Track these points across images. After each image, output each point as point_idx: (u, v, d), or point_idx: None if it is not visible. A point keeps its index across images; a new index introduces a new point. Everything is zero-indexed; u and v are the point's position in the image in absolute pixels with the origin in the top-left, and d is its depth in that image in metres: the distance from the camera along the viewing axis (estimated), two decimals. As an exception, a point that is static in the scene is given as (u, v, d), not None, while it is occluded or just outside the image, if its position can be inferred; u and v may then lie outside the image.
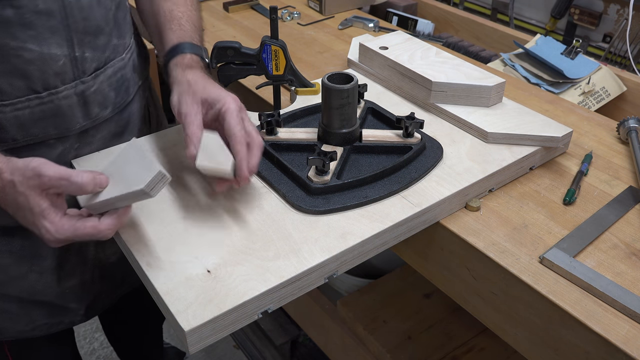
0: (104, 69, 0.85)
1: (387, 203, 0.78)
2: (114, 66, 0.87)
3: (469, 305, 0.83)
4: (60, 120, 0.82)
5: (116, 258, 0.99)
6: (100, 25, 0.82)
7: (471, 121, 0.93)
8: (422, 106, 1.01)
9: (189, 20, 0.93)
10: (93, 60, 0.83)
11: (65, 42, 0.78)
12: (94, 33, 0.81)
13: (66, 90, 0.81)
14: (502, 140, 0.90)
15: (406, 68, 1.01)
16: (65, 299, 0.95)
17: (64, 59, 0.78)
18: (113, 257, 0.98)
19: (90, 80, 0.83)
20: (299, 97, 1.02)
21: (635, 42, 1.56)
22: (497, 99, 0.97)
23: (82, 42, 0.80)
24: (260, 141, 0.76)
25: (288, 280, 0.67)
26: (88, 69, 0.82)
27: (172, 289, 0.66)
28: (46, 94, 0.79)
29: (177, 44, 0.87)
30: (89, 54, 0.82)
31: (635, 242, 0.77)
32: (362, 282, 1.52)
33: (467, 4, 2.07)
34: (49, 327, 0.96)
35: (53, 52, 0.77)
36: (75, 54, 0.80)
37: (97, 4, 0.81)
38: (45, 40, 0.76)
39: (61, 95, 0.80)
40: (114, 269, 1.00)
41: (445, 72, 0.98)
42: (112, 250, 0.97)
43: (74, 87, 0.81)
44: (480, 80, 0.96)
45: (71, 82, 0.81)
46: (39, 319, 0.94)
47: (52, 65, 0.78)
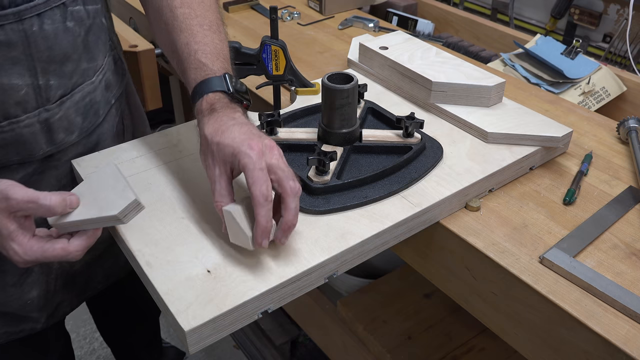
0: (71, 95, 0.82)
1: (387, 203, 0.78)
2: (82, 91, 0.84)
3: (469, 305, 0.83)
4: (22, 147, 0.79)
5: (80, 265, 0.97)
6: (67, 52, 0.78)
7: (471, 121, 0.93)
8: (422, 106, 1.01)
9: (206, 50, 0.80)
10: (59, 88, 0.80)
11: (28, 72, 0.75)
12: (59, 61, 0.78)
13: (28, 119, 0.78)
14: (502, 140, 0.90)
15: (406, 68, 1.01)
16: (26, 309, 0.93)
17: (26, 88, 0.76)
18: (77, 264, 0.97)
19: (55, 108, 0.80)
20: (299, 97, 1.02)
21: (635, 42, 1.56)
22: (497, 99, 0.97)
23: (47, 71, 0.77)
24: (294, 187, 0.66)
25: (288, 280, 0.67)
26: (53, 96, 0.79)
27: (172, 289, 0.66)
28: (6, 123, 0.76)
29: (195, 86, 0.78)
30: (54, 81, 0.78)
31: (635, 242, 0.77)
32: (362, 282, 1.52)
33: (467, 4, 2.07)
34: (8, 335, 0.94)
35: (14, 82, 0.74)
36: (39, 83, 0.77)
37: (64, 32, 0.77)
38: (5, 71, 0.73)
39: (22, 124, 0.78)
40: (77, 277, 0.98)
41: (445, 72, 0.98)
42: None
43: (37, 115, 0.78)
44: (480, 80, 0.96)
45: (34, 110, 0.78)
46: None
47: (13, 95, 0.75)
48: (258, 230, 0.65)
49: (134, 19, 1.57)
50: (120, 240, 0.75)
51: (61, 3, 0.76)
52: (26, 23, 0.72)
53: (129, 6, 1.55)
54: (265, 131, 0.88)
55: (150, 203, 0.78)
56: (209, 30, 0.83)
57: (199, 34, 0.81)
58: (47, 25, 0.75)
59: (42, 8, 0.73)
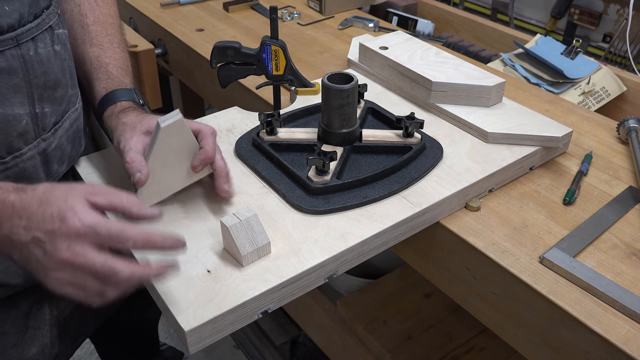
0: (62, 123, 0.81)
1: (387, 203, 0.78)
2: (70, 117, 0.83)
3: (469, 305, 0.83)
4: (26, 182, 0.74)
5: (69, 310, 0.94)
6: (57, 77, 0.78)
7: (471, 121, 0.93)
8: (422, 106, 1.01)
9: (117, 65, 0.88)
10: (52, 115, 0.79)
11: (27, 100, 0.74)
12: (52, 86, 0.78)
13: (30, 151, 0.76)
14: (502, 140, 0.90)
15: (406, 68, 1.01)
16: None
17: (26, 118, 0.74)
18: (66, 310, 0.94)
19: (50, 137, 0.79)
20: (299, 97, 1.02)
21: (635, 42, 1.56)
22: (497, 99, 0.97)
23: (42, 97, 0.76)
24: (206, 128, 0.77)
25: (288, 280, 0.67)
26: (47, 124, 0.78)
27: (172, 289, 0.66)
28: (10, 158, 0.74)
29: (106, 94, 0.84)
30: (48, 108, 0.77)
31: (635, 242, 0.77)
32: (362, 282, 1.52)
33: (467, 4, 2.07)
34: None
35: (16, 112, 0.72)
36: (36, 111, 0.75)
37: (54, 56, 0.77)
38: (8, 100, 0.71)
39: (25, 157, 0.76)
40: (69, 323, 0.96)
41: (445, 72, 0.98)
42: (64, 304, 0.92)
43: (36, 147, 0.77)
44: (480, 80, 0.96)
45: (33, 141, 0.76)
46: None
47: (16, 126, 0.73)
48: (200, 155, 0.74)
49: (133, 19, 1.57)
50: (120, 240, 0.74)
51: (48, 26, 0.76)
52: (23, 48, 0.71)
53: (129, 6, 1.55)
54: (265, 131, 0.88)
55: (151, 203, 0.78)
56: (119, 47, 0.91)
57: (110, 50, 0.89)
58: (41, 49, 0.74)
59: (35, 32, 0.73)
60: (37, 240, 0.59)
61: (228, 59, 0.97)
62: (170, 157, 0.73)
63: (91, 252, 0.58)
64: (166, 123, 0.70)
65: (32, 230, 0.59)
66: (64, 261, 0.58)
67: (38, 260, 0.59)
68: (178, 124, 0.71)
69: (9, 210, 0.60)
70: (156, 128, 0.71)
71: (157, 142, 0.71)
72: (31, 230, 0.59)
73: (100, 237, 0.59)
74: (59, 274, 0.59)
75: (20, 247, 0.60)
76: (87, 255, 0.58)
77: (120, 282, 0.59)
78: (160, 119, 0.70)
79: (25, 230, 0.59)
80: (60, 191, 0.61)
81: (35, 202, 0.60)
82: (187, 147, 0.74)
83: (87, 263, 0.58)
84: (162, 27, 1.43)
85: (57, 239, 0.58)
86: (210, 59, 0.96)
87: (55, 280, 0.59)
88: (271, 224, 0.75)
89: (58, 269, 0.59)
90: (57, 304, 0.91)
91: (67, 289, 0.60)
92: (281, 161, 0.83)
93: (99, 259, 0.58)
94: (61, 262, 0.58)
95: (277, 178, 0.82)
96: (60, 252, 0.58)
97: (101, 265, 0.58)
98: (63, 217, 0.58)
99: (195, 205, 0.78)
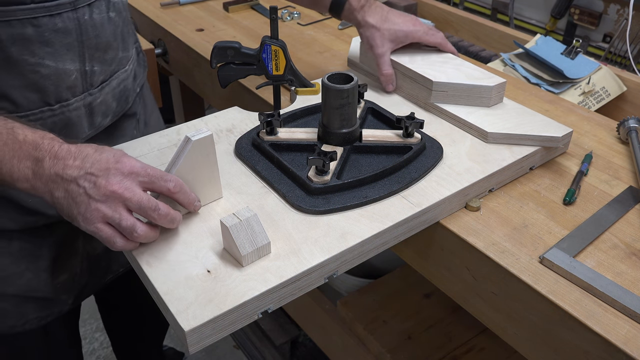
0: (109, 81, 0.90)
1: (387, 203, 0.78)
2: (118, 78, 0.92)
3: (469, 305, 0.83)
4: (69, 130, 0.86)
5: (102, 249, 1.03)
6: (109, 41, 0.87)
7: (471, 121, 0.93)
8: (423, 106, 1.01)
9: None
10: (101, 74, 0.88)
11: (78, 58, 0.83)
12: (103, 49, 0.86)
13: (76, 103, 0.85)
14: (502, 140, 0.90)
15: (407, 68, 1.01)
16: (56, 292, 0.98)
17: (76, 73, 0.83)
18: (99, 248, 1.03)
19: (97, 92, 0.88)
20: (299, 97, 1.02)
21: (635, 42, 1.56)
22: (497, 99, 0.97)
23: (93, 57, 0.85)
24: None
25: (288, 280, 0.67)
26: (95, 81, 0.87)
27: (172, 289, 0.66)
28: (58, 107, 0.84)
29: None
30: (97, 67, 0.87)
31: (635, 242, 0.77)
32: (362, 282, 1.52)
33: (467, 4, 2.07)
34: (39, 320, 0.99)
35: (67, 67, 0.82)
36: (86, 69, 0.85)
37: (108, 22, 0.86)
38: (61, 56, 0.80)
39: (71, 107, 0.85)
40: (100, 260, 1.04)
41: (446, 72, 0.98)
42: (96, 241, 0.97)
43: (82, 100, 0.86)
44: (481, 80, 0.96)
45: (80, 94, 0.86)
46: (30, 313, 0.97)
47: (66, 79, 0.82)
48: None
49: (133, 19, 1.57)
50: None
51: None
52: (79, 12, 0.81)
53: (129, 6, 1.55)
54: (265, 131, 0.88)
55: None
56: None
57: None
58: (95, 14, 0.84)
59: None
60: (90, 174, 0.65)
61: (228, 59, 0.97)
62: (191, 175, 0.73)
63: (138, 189, 0.66)
64: (197, 137, 0.70)
65: (85, 168, 0.66)
66: (113, 192, 0.65)
67: (85, 193, 0.65)
68: (207, 140, 0.71)
69: (63, 153, 0.67)
70: (185, 140, 0.71)
71: (184, 156, 0.71)
72: (84, 168, 0.66)
73: (149, 176, 0.67)
74: (102, 205, 0.65)
75: (68, 183, 0.66)
76: (135, 190, 0.66)
77: (160, 217, 0.67)
78: (190, 133, 0.70)
79: (78, 168, 0.66)
80: (117, 149, 0.70)
81: (91, 149, 0.68)
82: (209, 168, 0.75)
83: (135, 196, 0.65)
84: (162, 27, 1.43)
85: (110, 174, 0.65)
86: (210, 59, 0.96)
87: (96, 212, 0.65)
88: (271, 224, 0.75)
89: (103, 201, 0.65)
90: (90, 240, 1.00)
91: (101, 224, 0.66)
92: (281, 161, 0.83)
93: (145, 194, 0.66)
94: (109, 193, 0.65)
95: (277, 178, 0.82)
96: (112, 185, 0.65)
97: (147, 199, 0.66)
98: (118, 159, 0.67)
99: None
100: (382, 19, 0.99)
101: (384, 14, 1.00)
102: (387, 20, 1.00)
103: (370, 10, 1.00)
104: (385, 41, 0.99)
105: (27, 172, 0.67)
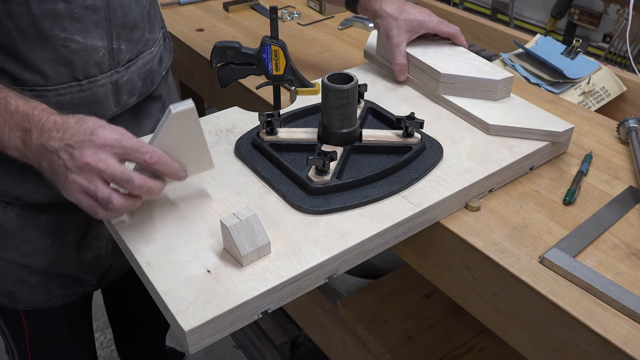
0: (136, 61, 0.92)
1: (387, 203, 0.78)
2: (144, 58, 0.94)
3: (469, 305, 0.83)
4: (96, 106, 0.89)
5: None
6: (136, 21, 0.89)
7: (474, 113, 0.94)
8: (431, 98, 1.03)
9: None
10: (127, 52, 0.90)
11: (106, 35, 0.85)
12: (130, 28, 0.88)
13: (103, 79, 0.88)
14: (503, 133, 0.91)
15: (418, 59, 1.02)
16: (81, 271, 1.02)
17: (103, 50, 0.86)
18: None
19: (123, 71, 0.90)
20: (299, 97, 1.02)
21: (635, 42, 1.56)
22: (504, 94, 0.98)
23: (120, 36, 0.87)
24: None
25: (288, 280, 0.67)
26: (122, 60, 0.89)
27: (172, 289, 0.66)
28: (86, 82, 0.86)
29: None
30: (124, 46, 0.89)
31: (635, 242, 0.77)
32: (362, 282, 1.52)
33: (467, 4, 2.07)
34: (64, 298, 1.02)
35: (95, 43, 0.84)
36: (113, 46, 0.87)
37: (135, 2, 0.88)
38: (89, 32, 0.83)
39: (99, 84, 0.87)
40: None
41: (455, 65, 1.00)
42: None
43: (109, 77, 0.88)
44: (488, 74, 0.97)
45: (108, 71, 0.88)
46: (55, 290, 1.01)
47: (94, 55, 0.85)
48: None
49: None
50: (120, 240, 0.75)
51: None
52: None
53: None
54: (265, 131, 0.88)
55: (150, 203, 0.78)
56: None
57: None
58: None
59: None
60: (67, 146, 0.68)
61: (228, 59, 0.97)
62: (174, 147, 0.73)
63: (112, 160, 0.68)
64: (178, 110, 0.70)
65: (65, 140, 0.68)
66: (87, 164, 0.67)
67: (64, 165, 0.68)
68: (190, 112, 0.71)
69: (49, 125, 0.69)
70: (167, 113, 0.72)
71: (165, 128, 0.71)
72: (64, 139, 0.68)
73: (124, 148, 0.68)
74: (78, 177, 0.67)
75: (50, 154, 0.68)
76: (108, 162, 0.67)
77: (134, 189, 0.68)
78: (172, 105, 0.71)
79: (59, 140, 0.68)
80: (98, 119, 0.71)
81: (73, 120, 0.70)
82: (194, 140, 0.74)
83: (108, 168, 0.67)
84: (162, 27, 1.43)
85: (85, 147, 0.67)
86: (210, 59, 0.96)
87: (73, 183, 0.68)
88: (271, 224, 0.75)
89: (79, 173, 0.67)
90: None
91: (80, 195, 0.68)
92: (281, 161, 0.83)
93: (119, 166, 0.68)
94: (84, 165, 0.67)
95: (277, 178, 0.82)
96: (86, 157, 0.67)
97: (120, 171, 0.67)
98: (93, 130, 0.68)
99: (195, 205, 0.78)
100: (399, 9, 1.03)
101: (400, 4, 1.04)
102: (403, 11, 1.03)
103: (387, 1, 1.04)
104: (402, 31, 1.03)
105: (17, 142, 0.71)
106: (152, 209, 0.77)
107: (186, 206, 0.78)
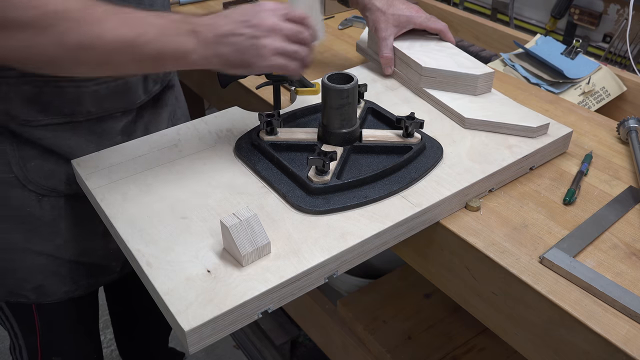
0: None
1: (387, 203, 0.78)
2: None
3: (469, 305, 0.83)
4: (127, 95, 0.92)
5: None
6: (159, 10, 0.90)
7: (452, 106, 0.95)
8: (414, 91, 1.04)
9: None
10: None
11: None
12: None
13: None
14: (478, 127, 0.93)
15: (403, 53, 1.04)
16: (108, 258, 1.03)
17: None
18: None
19: None
20: (299, 97, 1.02)
21: (635, 42, 1.56)
22: (485, 89, 0.99)
23: None
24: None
25: (288, 280, 0.67)
26: None
27: (172, 289, 0.66)
28: None
29: None
30: None
31: (635, 242, 0.77)
32: (362, 282, 1.52)
33: (467, 4, 2.07)
34: (89, 287, 1.04)
35: None
36: None
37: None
38: None
39: None
40: None
41: (438, 59, 1.01)
42: None
43: None
44: (469, 69, 0.99)
45: None
46: (82, 279, 1.02)
47: None
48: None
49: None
50: (120, 240, 0.75)
51: None
52: None
53: None
54: (265, 131, 0.88)
55: (150, 203, 0.78)
56: None
57: None
58: None
59: None
60: (242, 21, 0.73)
61: (228, 59, 0.96)
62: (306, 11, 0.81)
63: (285, 22, 0.75)
64: None
65: (236, 20, 0.74)
66: (271, 27, 0.73)
67: (251, 35, 0.73)
68: None
69: (206, 20, 0.74)
70: None
71: None
72: (235, 20, 0.74)
73: (285, 9, 0.76)
74: (270, 39, 0.73)
75: (227, 37, 0.73)
76: (283, 22, 0.75)
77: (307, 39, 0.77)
78: None
79: (230, 22, 0.74)
80: None
81: (224, 12, 0.75)
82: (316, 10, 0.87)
83: (287, 25, 0.75)
84: (162, 27, 1.43)
85: (259, 14, 0.74)
86: (211, 59, 0.96)
87: (268, 46, 0.73)
88: (271, 224, 0.75)
89: (268, 35, 0.73)
90: None
91: (274, 57, 0.74)
92: (281, 161, 0.83)
93: (292, 25, 0.75)
94: (269, 28, 0.73)
95: (277, 178, 0.82)
96: (267, 20, 0.74)
97: (292, 25, 0.75)
98: (254, 5, 0.75)
99: (195, 205, 0.78)
100: (387, 4, 1.05)
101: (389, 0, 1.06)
102: (392, 6, 1.05)
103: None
104: (389, 26, 1.05)
105: (188, 44, 0.73)
106: (152, 209, 0.77)
107: (186, 206, 0.78)
